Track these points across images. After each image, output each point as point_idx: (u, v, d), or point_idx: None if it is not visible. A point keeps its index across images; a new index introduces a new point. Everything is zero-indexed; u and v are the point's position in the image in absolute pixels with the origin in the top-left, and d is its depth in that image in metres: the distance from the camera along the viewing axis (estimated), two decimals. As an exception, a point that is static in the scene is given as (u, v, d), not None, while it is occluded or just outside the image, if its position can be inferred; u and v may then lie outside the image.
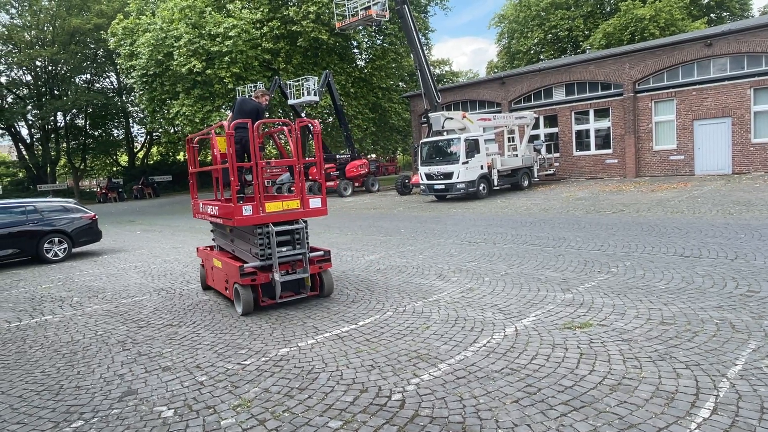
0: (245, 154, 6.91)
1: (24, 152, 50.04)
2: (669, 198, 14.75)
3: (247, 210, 6.21)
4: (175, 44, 26.04)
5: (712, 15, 41.19)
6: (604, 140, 23.47)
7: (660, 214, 12.09)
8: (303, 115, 27.50)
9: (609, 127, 23.09)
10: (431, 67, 26.91)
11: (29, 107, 47.32)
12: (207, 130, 8.35)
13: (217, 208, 7.02)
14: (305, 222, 6.62)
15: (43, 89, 48.09)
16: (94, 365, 5.14)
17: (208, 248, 8.32)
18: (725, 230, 9.49)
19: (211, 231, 8.25)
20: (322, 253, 6.88)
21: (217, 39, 25.86)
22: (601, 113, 23.40)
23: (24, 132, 50.06)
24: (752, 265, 6.89)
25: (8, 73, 46.98)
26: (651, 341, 4.62)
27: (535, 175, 22.27)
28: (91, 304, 7.77)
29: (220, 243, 7.98)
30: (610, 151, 23.13)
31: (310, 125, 7.17)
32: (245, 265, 6.33)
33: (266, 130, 9.10)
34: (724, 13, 41.46)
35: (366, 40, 33.91)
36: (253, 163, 6.31)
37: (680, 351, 4.37)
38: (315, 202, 6.69)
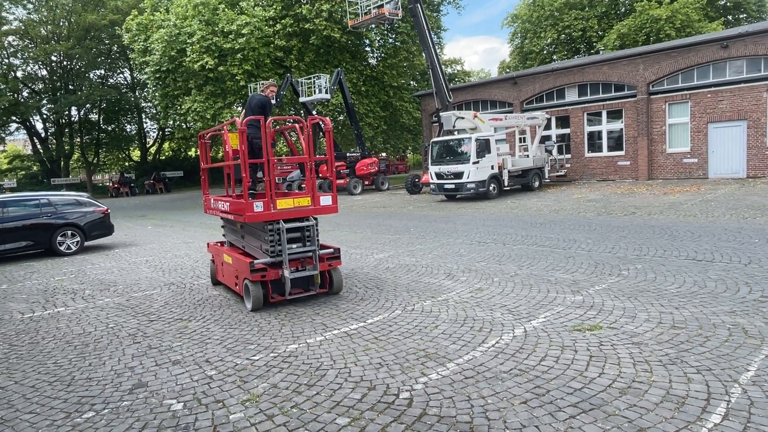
0: (253, 150, 6.88)
1: (38, 146, 50.67)
2: (682, 201, 14.60)
3: (258, 206, 6.18)
4: (188, 41, 26.21)
5: (729, 16, 40.66)
6: (616, 142, 23.29)
7: (672, 218, 11.97)
8: (314, 112, 27.55)
9: (622, 129, 22.90)
10: (443, 66, 26.84)
11: (44, 101, 47.89)
12: (219, 126, 8.26)
13: (228, 204, 6.98)
14: (315, 219, 6.62)
15: (58, 84, 48.62)
16: (105, 357, 5.20)
17: (219, 244, 8.31)
18: (739, 234, 9.38)
19: (222, 227, 8.24)
20: (331, 250, 6.85)
21: (230, 36, 25.99)
22: (614, 114, 23.21)
23: (39, 126, 50.78)
24: (766, 270, 6.81)
25: (24, 67, 47.61)
26: (662, 345, 4.59)
27: (546, 176, 22.13)
28: (103, 297, 7.85)
29: (230, 239, 7.97)
30: (622, 152, 22.94)
31: (321, 123, 7.20)
32: (255, 261, 6.32)
33: (276, 127, 9.10)
34: (741, 15, 40.91)
35: (378, 38, 33.91)
36: (264, 159, 6.27)
37: (691, 355, 4.33)
38: (326, 200, 6.68)
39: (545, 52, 43.60)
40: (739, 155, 19.66)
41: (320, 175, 22.25)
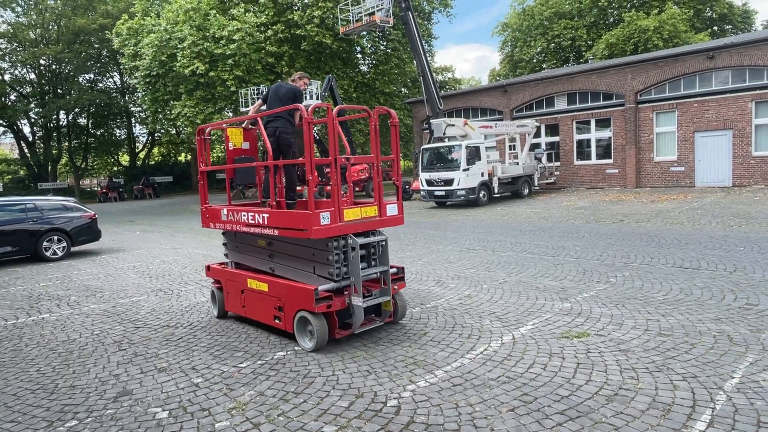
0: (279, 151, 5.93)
1: (26, 150, 50.09)
2: (669, 209, 14.76)
3: (325, 218, 4.92)
4: (179, 46, 26.14)
5: (715, 28, 41.35)
6: (605, 150, 23.52)
7: (660, 225, 12.09)
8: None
9: (610, 137, 23.14)
10: (434, 74, 26.99)
11: (32, 105, 47.37)
12: (226, 122, 7.15)
13: (267, 215, 5.43)
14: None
15: (47, 88, 48.18)
16: (89, 365, 5.13)
17: (222, 265, 6.74)
18: (724, 242, 9.49)
19: (224, 244, 6.65)
20: (395, 270, 5.76)
21: (221, 42, 25.96)
22: (603, 123, 23.45)
23: (26, 130, 50.21)
24: (751, 278, 6.89)
25: (12, 71, 47.13)
26: (648, 352, 4.62)
27: (536, 183, 22.30)
28: (89, 304, 7.76)
29: (239, 259, 6.44)
30: (610, 161, 23.17)
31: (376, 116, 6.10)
32: (320, 288, 5.05)
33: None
34: (727, 26, 41.62)
35: (369, 45, 34.01)
36: (331, 158, 5.01)
37: (677, 363, 4.36)
38: (392, 210, 5.54)
39: (535, 60, 44.01)
40: (725, 164, 19.94)
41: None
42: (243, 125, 6.55)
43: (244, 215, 5.76)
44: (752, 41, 19.18)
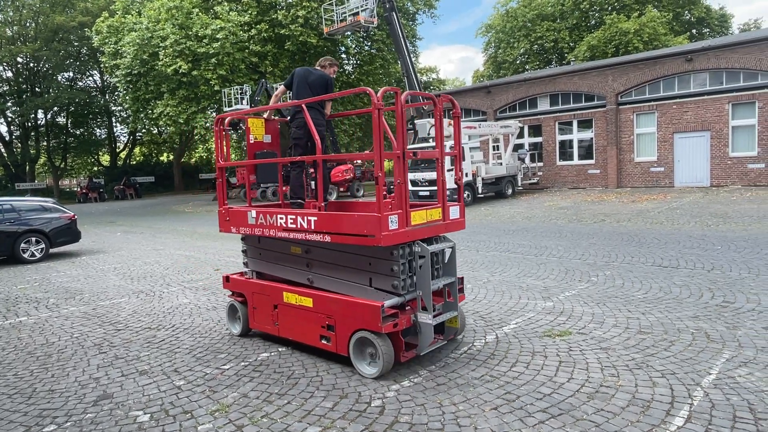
0: (308, 142, 5.26)
1: (2, 150, 49.02)
2: (649, 209, 15.00)
3: (393, 222, 4.25)
4: (161, 44, 25.81)
5: (693, 31, 42.16)
6: (586, 151, 23.82)
7: (640, 225, 12.28)
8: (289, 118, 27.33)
9: (592, 138, 23.45)
10: (418, 74, 27.07)
11: (9, 104, 46.39)
12: (247, 111, 6.47)
13: (313, 218, 4.65)
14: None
15: (24, 86, 47.19)
16: (69, 368, 5.04)
17: (243, 275, 5.88)
18: (702, 242, 9.68)
19: (243, 251, 5.84)
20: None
21: (204, 40, 25.71)
22: (585, 124, 23.75)
23: (3, 129, 49.09)
24: (728, 276, 7.04)
25: (-12, 69, 46.13)
26: (628, 350, 4.69)
27: (519, 183, 22.49)
28: (68, 306, 7.62)
29: (264, 268, 5.61)
30: (592, 161, 23.47)
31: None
32: (387, 304, 4.36)
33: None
34: (705, 30, 42.47)
35: (354, 45, 33.99)
36: (398, 152, 4.43)
37: (657, 360, 4.44)
38: (454, 212, 4.93)
39: (518, 62, 44.42)
40: (703, 165, 20.34)
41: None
42: (264, 116, 5.99)
43: (281, 218, 4.95)
44: (729, 44, 19.60)
